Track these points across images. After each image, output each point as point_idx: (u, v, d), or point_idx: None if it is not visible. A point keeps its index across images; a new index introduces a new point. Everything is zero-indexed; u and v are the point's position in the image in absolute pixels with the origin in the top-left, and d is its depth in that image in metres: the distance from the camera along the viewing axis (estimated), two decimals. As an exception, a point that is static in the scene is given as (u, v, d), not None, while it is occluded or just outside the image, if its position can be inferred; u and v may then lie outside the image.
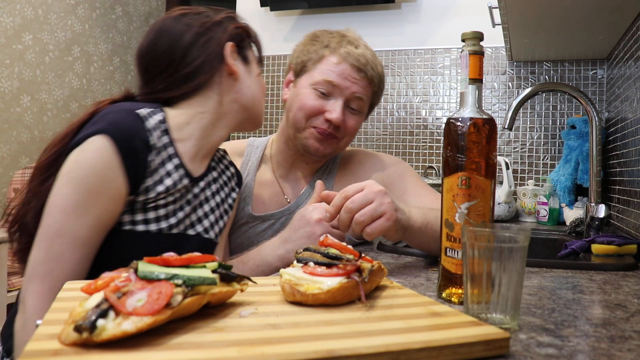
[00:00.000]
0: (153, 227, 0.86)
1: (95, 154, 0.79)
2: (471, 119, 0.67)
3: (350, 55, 1.10)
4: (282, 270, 0.65)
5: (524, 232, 0.56)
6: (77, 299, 0.53)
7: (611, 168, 1.67)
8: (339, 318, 0.54)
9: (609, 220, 1.58)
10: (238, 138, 2.38)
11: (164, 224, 0.88)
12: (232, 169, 1.09)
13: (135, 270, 0.50)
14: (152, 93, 0.94)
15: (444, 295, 0.70)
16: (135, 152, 0.81)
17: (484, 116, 0.68)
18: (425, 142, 2.24)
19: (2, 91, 2.77)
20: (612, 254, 1.07)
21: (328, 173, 1.22)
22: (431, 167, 2.11)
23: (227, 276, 0.58)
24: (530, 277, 0.88)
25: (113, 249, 0.85)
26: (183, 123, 0.92)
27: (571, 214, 1.67)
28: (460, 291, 0.67)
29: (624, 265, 0.97)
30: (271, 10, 2.44)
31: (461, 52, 0.70)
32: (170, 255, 0.56)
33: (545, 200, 1.80)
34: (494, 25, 1.65)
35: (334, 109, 1.09)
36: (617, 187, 1.53)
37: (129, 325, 0.44)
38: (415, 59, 2.26)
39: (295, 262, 0.67)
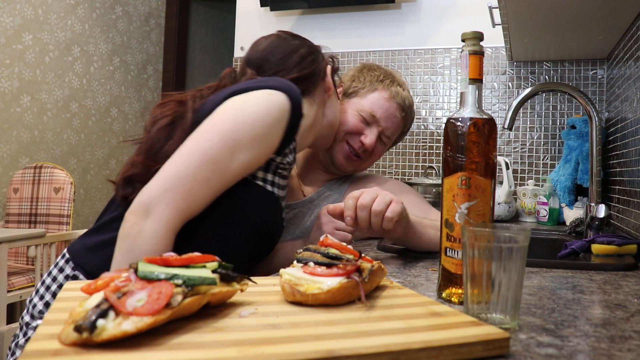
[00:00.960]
0: (277, 191, 0.92)
1: (273, 104, 0.85)
2: (471, 119, 0.67)
3: (398, 95, 1.28)
4: (282, 270, 0.65)
5: (524, 232, 0.56)
6: (77, 299, 0.53)
7: (611, 168, 1.67)
8: (339, 318, 0.54)
9: (609, 220, 1.58)
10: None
11: (281, 193, 0.95)
12: None
13: (135, 270, 0.50)
14: None
15: (444, 295, 0.70)
16: (299, 117, 0.89)
17: (484, 116, 0.68)
18: (425, 142, 2.24)
19: (2, 91, 2.77)
20: (612, 254, 1.07)
21: (342, 182, 1.35)
22: (431, 167, 2.11)
23: (227, 276, 0.58)
24: (530, 277, 0.88)
25: (240, 199, 0.87)
26: None
27: (571, 214, 1.67)
28: (460, 291, 0.67)
29: (624, 265, 0.97)
30: (271, 10, 2.44)
31: (461, 52, 0.70)
32: (170, 255, 0.56)
33: (545, 200, 1.80)
34: (494, 25, 1.65)
35: (370, 135, 1.25)
36: (617, 187, 1.53)
37: (129, 325, 0.44)
38: (415, 59, 2.26)
39: (295, 262, 0.67)
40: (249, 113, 0.83)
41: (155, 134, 0.89)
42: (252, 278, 0.64)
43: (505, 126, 1.35)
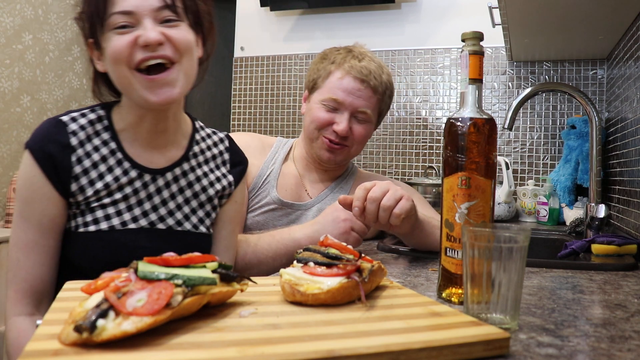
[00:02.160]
0: (104, 225, 0.88)
1: (23, 167, 0.87)
2: (471, 119, 0.67)
3: (353, 69, 1.21)
4: (282, 270, 0.65)
5: (524, 232, 0.56)
6: (77, 299, 0.53)
7: (611, 168, 1.67)
8: (339, 318, 0.54)
9: (609, 220, 1.58)
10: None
11: (115, 221, 0.89)
12: (226, 156, 1.04)
13: (135, 270, 0.50)
14: None
15: (444, 295, 0.70)
16: (51, 157, 0.85)
17: (484, 116, 0.68)
18: (425, 142, 2.24)
19: (2, 91, 2.77)
20: (612, 254, 1.07)
21: (345, 182, 1.35)
22: (431, 167, 2.11)
23: (227, 276, 0.58)
24: (530, 277, 0.88)
25: (75, 252, 0.90)
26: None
27: (571, 214, 1.67)
28: (460, 291, 0.67)
29: (624, 265, 0.97)
30: (271, 10, 2.44)
31: (461, 52, 0.70)
32: (170, 255, 0.56)
33: (545, 200, 1.80)
34: (494, 25, 1.64)
35: (341, 122, 1.21)
36: (617, 187, 1.53)
37: (129, 325, 0.44)
38: (415, 59, 2.26)
39: (295, 262, 0.67)
40: (17, 189, 0.89)
41: None
42: (252, 278, 0.64)
43: (505, 126, 1.35)
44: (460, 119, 0.68)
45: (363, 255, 0.69)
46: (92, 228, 0.88)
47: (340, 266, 0.62)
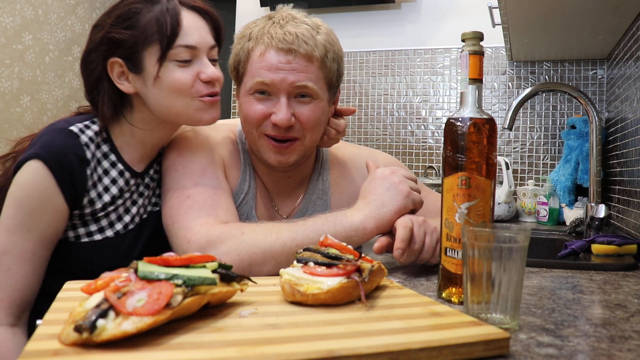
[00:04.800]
0: (109, 232, 0.92)
1: (32, 177, 0.83)
2: (471, 119, 0.67)
3: (273, 39, 0.94)
4: (282, 270, 0.65)
5: (524, 232, 0.56)
6: (77, 299, 0.53)
7: (611, 168, 1.67)
8: (339, 318, 0.54)
9: (609, 220, 1.58)
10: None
11: (119, 226, 0.93)
12: None
13: (135, 270, 0.50)
14: None
15: (444, 295, 0.70)
16: (71, 169, 0.85)
17: (484, 116, 0.68)
18: (425, 142, 2.24)
19: (2, 91, 2.77)
20: (612, 254, 1.07)
21: (323, 182, 1.12)
22: (431, 167, 2.11)
23: (227, 276, 0.58)
24: (530, 277, 0.88)
25: (77, 261, 0.90)
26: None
27: (571, 214, 1.67)
28: (460, 291, 0.67)
29: (624, 265, 0.97)
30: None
31: (461, 52, 0.70)
32: (170, 255, 0.56)
33: (545, 200, 1.80)
34: (494, 25, 1.64)
35: (278, 110, 0.94)
36: (617, 187, 1.53)
37: (129, 325, 0.44)
38: (415, 59, 2.26)
39: (295, 262, 0.67)
40: (18, 197, 0.84)
41: None
42: (252, 278, 0.64)
43: (505, 126, 1.35)
44: (460, 119, 0.68)
45: (363, 255, 0.69)
46: (97, 237, 0.91)
47: (340, 266, 0.62)
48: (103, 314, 0.44)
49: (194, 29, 0.90)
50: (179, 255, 0.56)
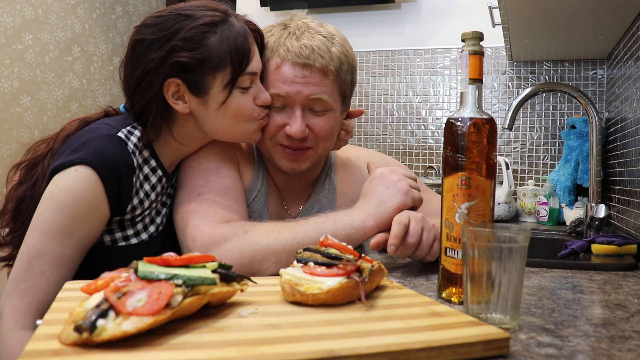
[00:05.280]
0: (144, 235, 0.92)
1: (80, 183, 0.80)
2: (471, 119, 0.67)
3: (289, 52, 0.94)
4: (282, 270, 0.65)
5: (524, 232, 0.56)
6: (77, 299, 0.53)
7: (611, 168, 1.67)
8: (339, 318, 0.54)
9: (609, 220, 1.58)
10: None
11: (152, 229, 0.94)
12: None
13: (135, 271, 0.50)
14: None
15: (444, 295, 0.70)
16: (120, 179, 0.84)
17: (484, 116, 0.68)
18: (425, 142, 2.24)
19: (2, 91, 2.77)
20: (612, 254, 1.07)
21: (330, 183, 1.14)
22: (431, 167, 2.11)
23: (227, 276, 0.58)
24: (530, 277, 0.88)
25: (113, 265, 0.90)
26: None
27: (571, 214, 1.67)
28: (460, 291, 0.67)
29: (624, 265, 0.97)
30: (271, 10, 2.44)
31: (461, 52, 0.70)
32: (170, 255, 0.56)
33: (545, 200, 1.80)
34: (494, 25, 1.64)
35: (293, 122, 0.96)
36: (617, 187, 1.53)
37: (129, 325, 0.44)
38: (415, 59, 2.26)
39: (295, 262, 0.67)
40: (60, 201, 0.81)
41: (14, 194, 0.91)
42: (252, 278, 0.64)
43: (505, 126, 1.35)
44: (460, 119, 0.68)
45: (363, 255, 0.69)
46: (134, 240, 0.91)
47: (340, 266, 0.62)
48: (103, 314, 0.44)
49: (256, 55, 0.91)
50: (185, 252, 0.56)
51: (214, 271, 0.57)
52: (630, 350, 0.51)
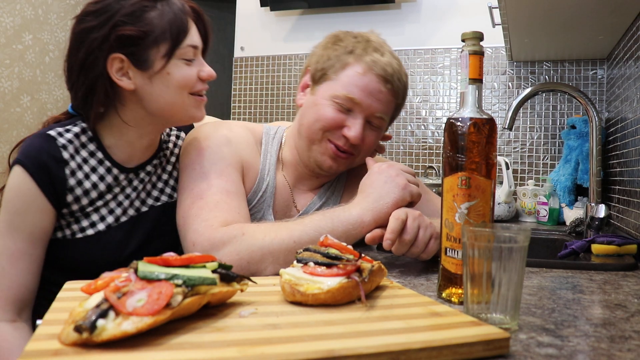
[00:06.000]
0: (101, 226, 0.95)
1: (15, 180, 0.90)
2: (471, 119, 0.67)
3: (376, 65, 1.00)
4: (282, 270, 0.65)
5: (524, 232, 0.56)
6: (77, 299, 0.53)
7: (611, 168, 1.67)
8: (339, 318, 0.54)
9: (609, 220, 1.58)
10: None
11: (110, 219, 0.96)
12: (183, 135, 1.13)
13: (135, 270, 0.50)
14: None
15: (444, 295, 0.70)
16: (48, 170, 0.89)
17: (484, 116, 0.68)
18: (425, 142, 2.24)
19: (2, 91, 2.77)
20: (612, 254, 1.07)
21: (338, 181, 1.17)
22: (431, 167, 2.11)
23: (227, 276, 0.58)
24: (530, 277, 0.88)
25: (74, 258, 0.94)
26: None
27: (571, 214, 1.67)
28: (460, 291, 0.67)
29: (624, 265, 0.97)
30: (271, 10, 2.44)
31: (461, 52, 0.70)
32: (170, 255, 0.56)
33: (545, 200, 1.80)
34: (494, 25, 1.64)
35: (354, 126, 1.00)
36: (617, 187, 1.53)
37: (129, 325, 0.44)
38: (415, 59, 2.26)
39: (295, 262, 0.67)
40: (3, 200, 0.91)
41: None
42: (252, 278, 0.64)
43: (505, 126, 1.35)
44: (460, 119, 0.68)
45: (363, 255, 0.69)
46: (90, 232, 0.94)
47: (340, 266, 0.62)
48: (103, 314, 0.44)
49: (194, 29, 0.96)
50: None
51: (214, 271, 0.57)
52: (630, 350, 0.51)
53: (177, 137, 1.12)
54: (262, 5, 2.46)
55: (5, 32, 2.77)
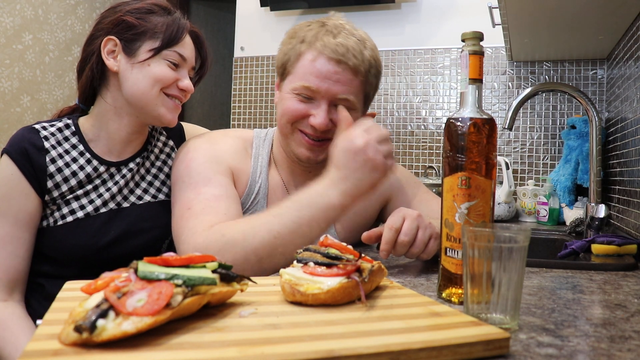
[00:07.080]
0: (80, 214, 1.01)
1: (1, 168, 0.98)
2: (471, 119, 0.67)
3: (326, 48, 0.99)
4: (282, 270, 0.65)
5: (524, 232, 0.56)
6: (77, 299, 0.53)
7: (611, 168, 1.67)
8: (339, 318, 0.54)
9: (609, 220, 1.58)
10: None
11: (90, 208, 1.02)
12: (171, 143, 1.19)
13: (135, 270, 0.50)
14: None
15: (444, 295, 0.70)
16: (28, 156, 0.97)
17: (484, 116, 0.68)
18: (425, 142, 2.24)
19: (2, 91, 2.77)
20: (612, 254, 1.07)
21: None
22: (431, 167, 2.11)
23: (227, 276, 0.58)
24: (530, 277, 0.88)
25: (54, 244, 1.00)
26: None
27: (571, 214, 1.67)
28: (460, 291, 0.67)
29: (624, 265, 0.97)
30: (271, 10, 2.44)
31: (461, 52, 0.70)
32: (170, 255, 0.56)
33: (545, 200, 1.80)
34: (494, 25, 1.65)
35: (318, 114, 1.00)
36: (617, 187, 1.53)
37: (129, 325, 0.44)
38: (415, 59, 2.26)
39: (295, 262, 0.67)
40: None
41: None
42: (252, 278, 0.64)
43: (505, 126, 1.35)
44: (460, 119, 0.68)
45: (363, 255, 0.69)
46: (69, 218, 1.01)
47: (340, 266, 0.62)
48: (103, 314, 0.44)
49: (190, 46, 1.07)
50: None
51: (214, 271, 0.57)
52: (630, 350, 0.51)
53: (164, 144, 1.18)
54: (262, 5, 2.46)
55: (5, 32, 2.77)
